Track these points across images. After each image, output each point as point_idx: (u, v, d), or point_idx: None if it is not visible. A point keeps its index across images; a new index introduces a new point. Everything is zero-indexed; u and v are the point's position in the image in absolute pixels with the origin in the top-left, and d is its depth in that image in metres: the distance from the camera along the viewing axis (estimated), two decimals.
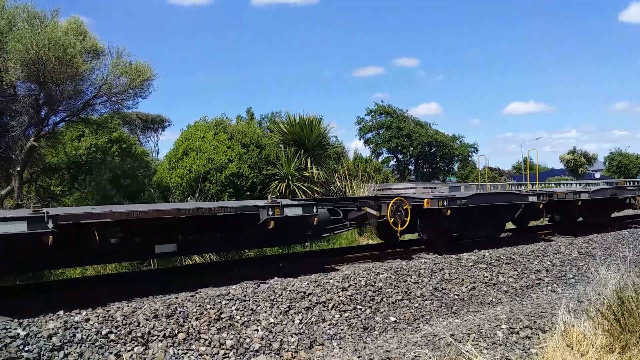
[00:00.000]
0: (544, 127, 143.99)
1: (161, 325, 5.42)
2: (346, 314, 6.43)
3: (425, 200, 9.48)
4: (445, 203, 9.57)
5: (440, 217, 9.73)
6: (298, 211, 7.84)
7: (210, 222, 7.62)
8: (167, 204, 11.19)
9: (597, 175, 60.53)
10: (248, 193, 13.66)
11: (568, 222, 13.32)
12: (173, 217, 7.15)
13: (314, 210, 7.98)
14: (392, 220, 9.24)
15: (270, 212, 7.53)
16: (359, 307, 6.63)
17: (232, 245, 8.39)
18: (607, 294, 5.23)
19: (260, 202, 7.82)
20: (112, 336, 5.14)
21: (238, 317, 5.87)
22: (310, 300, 6.47)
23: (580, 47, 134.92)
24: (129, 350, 5.05)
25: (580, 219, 13.43)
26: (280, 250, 11.34)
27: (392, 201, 9.29)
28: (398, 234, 9.51)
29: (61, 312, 5.53)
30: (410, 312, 6.83)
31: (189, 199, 12.50)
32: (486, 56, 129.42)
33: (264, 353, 5.43)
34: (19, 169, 10.73)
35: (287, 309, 6.23)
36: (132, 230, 6.86)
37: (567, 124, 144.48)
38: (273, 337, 5.70)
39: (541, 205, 11.44)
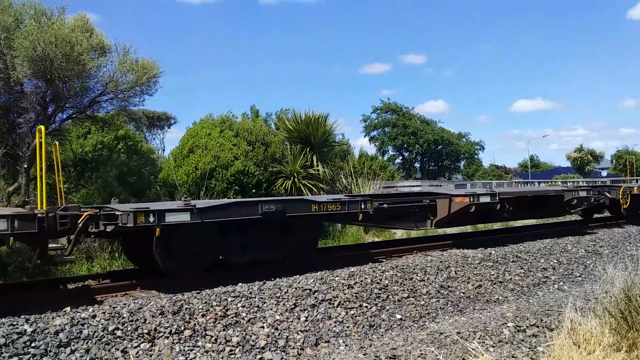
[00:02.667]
0: (551, 125, 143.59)
1: (167, 322, 5.44)
2: (352, 312, 6.43)
3: (635, 188, 13.67)
4: None
5: (638, 200, 13.82)
6: (584, 193, 12.33)
7: (539, 200, 11.92)
8: (521, 188, 17.57)
9: (604, 173, 60.25)
10: (254, 190, 13.67)
11: None
12: (531, 196, 11.95)
13: (590, 193, 12.58)
14: (621, 201, 13.33)
15: (574, 194, 12.02)
16: (364, 304, 6.62)
17: (541, 213, 12.76)
18: (615, 292, 5.20)
19: (560, 188, 13.21)
20: (119, 332, 5.16)
21: (244, 314, 5.88)
22: (316, 298, 6.47)
23: (588, 44, 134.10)
24: (135, 347, 5.07)
25: None
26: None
27: (621, 188, 13.54)
28: (622, 211, 13.92)
29: (68, 309, 5.55)
30: (416, 309, 6.83)
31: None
32: (494, 53, 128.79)
33: (269, 350, 5.44)
34: (25, 165, 10.76)
35: (293, 306, 6.24)
36: (510, 203, 11.11)
37: (575, 121, 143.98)
38: (279, 334, 5.71)
39: None
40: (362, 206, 8.48)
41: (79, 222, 6.29)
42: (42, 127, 7.40)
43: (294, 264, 8.03)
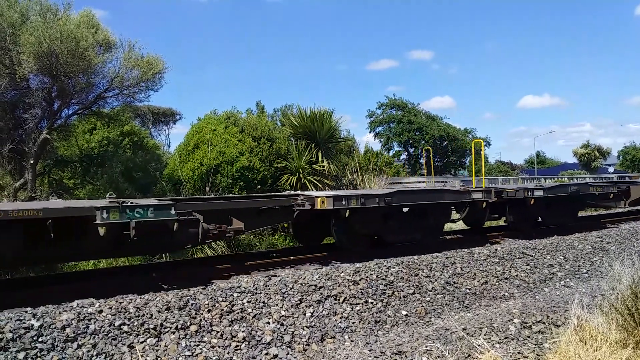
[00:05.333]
0: (558, 121, 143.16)
1: (173, 317, 5.45)
2: (357, 308, 6.42)
3: None
4: None
5: None
6: None
7: None
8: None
9: (611, 169, 59.93)
10: (259, 186, 13.67)
11: None
12: None
13: None
14: None
15: None
16: (370, 300, 6.62)
17: None
18: (621, 289, 5.18)
19: None
20: (125, 328, 5.17)
21: (250, 310, 5.88)
22: (321, 294, 6.47)
23: (596, 41, 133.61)
24: (141, 342, 5.08)
25: None
26: None
27: None
28: None
29: (74, 304, 5.57)
30: (422, 305, 6.82)
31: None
32: (500, 49, 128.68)
33: (275, 345, 5.44)
34: (32, 161, 10.81)
35: (299, 302, 6.24)
36: None
37: (582, 117, 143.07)
38: (284, 329, 5.71)
39: None
40: (612, 189, 12.69)
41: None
42: (482, 141, 10.84)
43: (565, 228, 12.08)
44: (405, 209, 9.52)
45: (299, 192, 9.82)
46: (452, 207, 10.54)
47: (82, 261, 9.22)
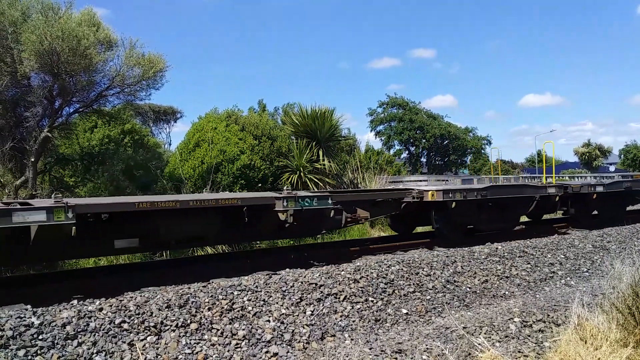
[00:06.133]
0: (559, 120, 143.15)
1: (174, 315, 5.45)
2: (358, 306, 6.42)
3: None
4: None
5: None
6: None
7: None
8: None
9: (612, 168, 59.89)
10: (260, 185, 13.68)
11: None
12: None
13: None
14: None
15: None
16: (370, 298, 6.62)
17: None
18: (622, 288, 5.16)
19: None
20: (125, 325, 5.17)
21: (250, 308, 5.88)
22: (321, 292, 6.47)
23: (598, 39, 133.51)
24: (142, 340, 5.08)
25: None
26: None
27: None
28: None
29: (75, 302, 5.58)
30: (422, 304, 6.82)
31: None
32: (502, 48, 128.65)
33: (275, 344, 5.44)
34: (33, 159, 10.81)
35: (299, 300, 6.24)
36: None
37: (584, 116, 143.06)
38: (285, 328, 5.71)
39: None
40: None
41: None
42: (553, 143, 10.52)
43: (613, 220, 13.10)
44: (490, 203, 10.63)
45: (408, 186, 11.26)
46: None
47: (259, 241, 10.90)
